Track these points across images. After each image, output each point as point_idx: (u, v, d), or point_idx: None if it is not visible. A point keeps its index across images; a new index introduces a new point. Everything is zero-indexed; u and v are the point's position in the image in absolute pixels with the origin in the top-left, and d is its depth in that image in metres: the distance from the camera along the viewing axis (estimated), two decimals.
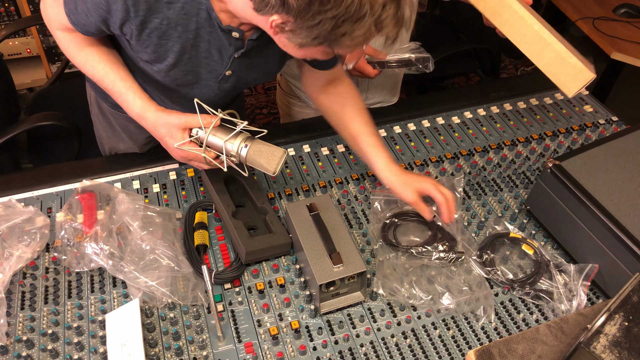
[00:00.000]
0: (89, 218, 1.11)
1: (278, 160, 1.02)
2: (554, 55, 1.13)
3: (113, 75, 1.07)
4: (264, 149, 1.03)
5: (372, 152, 1.14)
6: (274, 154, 1.02)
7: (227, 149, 1.03)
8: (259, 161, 1.02)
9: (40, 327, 0.99)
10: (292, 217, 1.08)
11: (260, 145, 1.03)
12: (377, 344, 0.98)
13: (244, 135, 1.04)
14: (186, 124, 1.03)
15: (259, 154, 1.02)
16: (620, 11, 2.30)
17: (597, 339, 0.80)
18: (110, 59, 1.08)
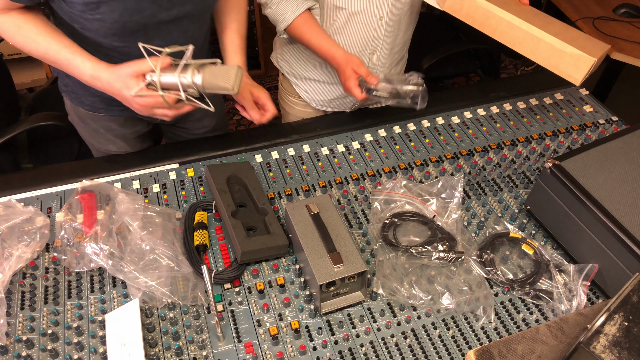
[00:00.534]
0: (89, 218, 1.11)
1: (234, 77, 1.02)
2: (549, 49, 1.16)
3: (56, 44, 1.04)
4: (217, 70, 1.03)
5: (231, 51, 1.27)
6: (228, 72, 1.02)
7: (183, 83, 1.02)
8: (216, 83, 1.02)
9: (40, 327, 0.99)
10: (291, 217, 1.08)
11: (213, 68, 1.03)
12: (377, 344, 0.98)
13: (195, 64, 1.03)
14: (138, 71, 1.01)
15: (213, 76, 1.02)
16: (620, 11, 2.30)
17: (597, 339, 0.80)
18: (50, 30, 1.06)
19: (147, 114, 1.08)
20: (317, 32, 1.33)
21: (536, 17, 1.23)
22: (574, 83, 1.16)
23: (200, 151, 1.38)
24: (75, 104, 1.32)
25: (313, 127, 1.46)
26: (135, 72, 1.01)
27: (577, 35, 1.19)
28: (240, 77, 1.03)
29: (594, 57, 1.11)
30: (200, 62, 1.04)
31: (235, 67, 1.03)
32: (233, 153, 1.37)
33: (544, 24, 1.20)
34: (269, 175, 1.31)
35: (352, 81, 1.28)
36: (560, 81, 1.61)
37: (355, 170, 1.32)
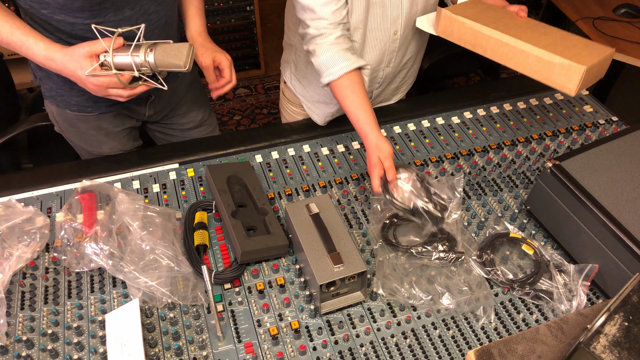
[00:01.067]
0: (89, 218, 1.11)
1: (187, 54, 1.04)
2: (538, 62, 1.15)
3: (9, 26, 1.04)
4: (169, 48, 1.04)
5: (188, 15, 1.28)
6: (180, 49, 1.04)
7: (136, 63, 1.04)
8: (168, 60, 1.04)
9: (40, 327, 0.99)
10: (291, 217, 1.08)
11: (165, 45, 1.05)
12: (377, 344, 0.98)
13: (147, 43, 1.05)
14: (91, 51, 1.02)
15: (166, 54, 1.04)
16: (620, 11, 2.30)
17: (597, 339, 0.80)
18: (2, 13, 1.05)
19: (102, 94, 1.08)
20: (360, 102, 1.18)
21: (531, 29, 1.22)
22: (568, 94, 1.14)
23: (200, 151, 1.38)
24: (62, 107, 1.30)
25: (313, 127, 1.46)
26: (88, 53, 1.02)
27: (573, 44, 1.18)
28: (192, 54, 1.06)
29: (584, 65, 1.09)
30: (153, 42, 1.06)
31: (187, 45, 1.05)
32: (233, 153, 1.37)
33: (538, 36, 1.19)
34: (269, 175, 1.31)
35: (377, 170, 1.13)
36: None
37: (355, 170, 1.32)
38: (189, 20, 1.31)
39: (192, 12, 1.31)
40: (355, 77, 1.19)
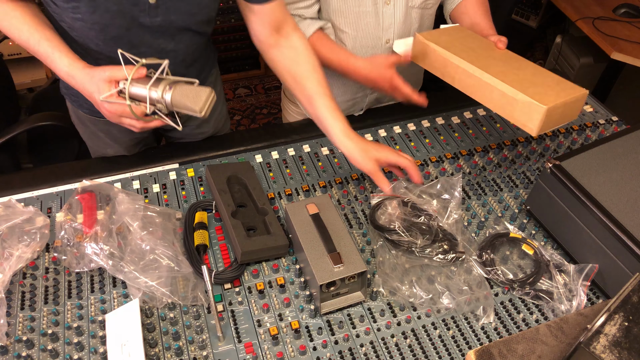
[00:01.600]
0: (89, 218, 1.11)
1: (205, 100, 0.98)
2: (502, 97, 1.11)
3: (38, 35, 1.03)
4: (188, 90, 0.99)
5: (328, 116, 1.10)
6: (199, 94, 0.98)
7: (152, 97, 1.00)
8: (184, 103, 0.99)
9: (40, 327, 0.99)
10: (291, 217, 1.08)
11: (185, 87, 0.99)
12: (377, 344, 0.98)
13: (168, 80, 1.01)
14: (111, 76, 1.00)
15: (184, 95, 0.98)
16: (620, 11, 2.30)
17: (597, 339, 0.80)
18: (35, 21, 1.04)
19: (115, 121, 1.06)
20: (332, 48, 1.24)
21: (504, 62, 1.18)
22: (530, 133, 1.08)
23: (200, 151, 1.38)
24: (76, 107, 1.32)
25: (313, 127, 1.46)
26: (108, 77, 1.00)
27: (544, 81, 1.13)
28: (212, 101, 0.99)
29: (546, 105, 1.03)
30: (175, 79, 1.01)
31: (208, 90, 0.99)
32: (233, 153, 1.37)
33: (509, 70, 1.14)
34: (269, 175, 1.31)
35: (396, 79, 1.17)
36: None
37: (355, 170, 1.32)
38: (329, 121, 1.12)
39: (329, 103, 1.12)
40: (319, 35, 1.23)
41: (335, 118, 1.09)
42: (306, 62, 1.14)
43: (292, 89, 1.18)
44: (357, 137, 1.08)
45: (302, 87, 1.13)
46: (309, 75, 1.12)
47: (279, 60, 1.17)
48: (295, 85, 1.15)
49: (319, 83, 1.12)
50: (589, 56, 2.68)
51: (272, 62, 1.19)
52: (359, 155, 1.07)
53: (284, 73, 1.17)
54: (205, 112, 0.98)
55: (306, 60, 1.14)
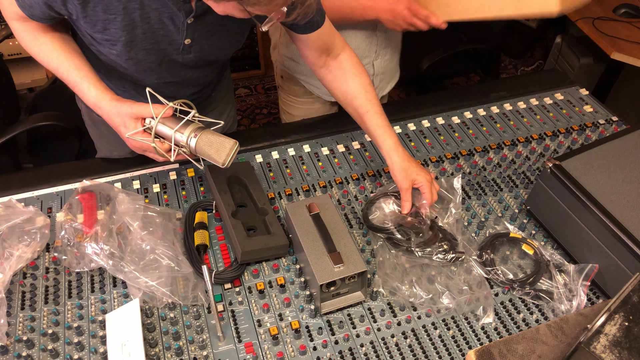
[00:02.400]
0: (89, 218, 1.11)
1: (228, 152, 1.00)
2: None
3: (68, 64, 1.05)
4: (213, 140, 1.00)
5: (379, 133, 1.15)
6: (223, 144, 1.00)
7: (177, 139, 1.01)
8: (208, 152, 1.01)
9: (40, 327, 0.99)
10: (292, 217, 1.08)
11: (210, 136, 1.01)
12: (377, 344, 0.98)
13: (195, 125, 1.02)
14: (138, 113, 1.02)
15: (208, 144, 1.00)
16: (620, 11, 2.30)
17: (597, 339, 0.80)
18: (65, 48, 1.06)
19: (138, 152, 1.09)
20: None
21: None
22: (550, 15, 1.08)
23: None
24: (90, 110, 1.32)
25: (313, 127, 1.46)
26: (135, 114, 1.02)
27: None
28: (235, 151, 1.01)
29: None
30: (200, 127, 1.02)
31: (233, 142, 1.00)
32: None
33: None
34: (269, 175, 1.31)
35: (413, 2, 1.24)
36: (560, 81, 1.62)
37: (355, 170, 1.32)
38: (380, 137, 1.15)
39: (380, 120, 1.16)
40: None
41: (384, 134, 1.15)
42: (354, 81, 1.18)
43: (343, 104, 1.22)
44: (403, 153, 1.14)
45: (352, 104, 1.18)
46: (358, 94, 1.17)
47: (329, 79, 1.21)
48: (346, 102, 1.20)
49: (368, 100, 1.17)
50: (589, 56, 2.68)
51: (323, 81, 1.23)
52: (399, 172, 1.12)
53: (334, 90, 1.22)
54: (228, 163, 1.01)
55: (354, 79, 1.18)
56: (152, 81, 1.15)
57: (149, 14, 0.97)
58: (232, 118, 1.57)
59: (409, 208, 1.12)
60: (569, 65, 2.80)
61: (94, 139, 1.44)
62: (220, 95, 1.46)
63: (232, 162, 1.01)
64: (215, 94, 1.42)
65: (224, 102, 1.49)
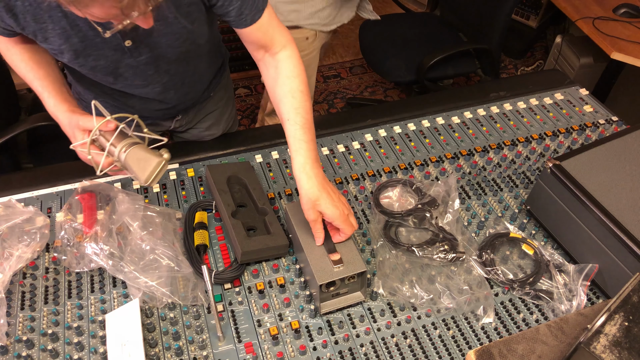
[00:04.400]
0: (89, 218, 1.11)
1: (152, 170, 0.96)
2: None
3: (32, 74, 1.08)
4: (141, 156, 0.97)
5: (295, 146, 1.04)
6: (149, 162, 0.97)
7: (110, 152, 1.00)
8: (131, 167, 0.98)
9: (40, 327, 0.99)
10: (291, 217, 1.08)
11: (140, 151, 0.98)
12: (377, 344, 0.98)
13: (131, 140, 0.99)
14: (84, 126, 1.02)
15: (135, 160, 0.97)
16: (620, 11, 2.30)
17: (597, 339, 0.80)
18: (33, 59, 1.09)
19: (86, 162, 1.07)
20: None
21: None
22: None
23: (200, 151, 1.38)
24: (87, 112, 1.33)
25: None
26: (82, 127, 1.02)
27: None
28: (160, 170, 0.97)
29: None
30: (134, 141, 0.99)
31: (158, 161, 0.97)
32: (233, 153, 1.37)
33: None
34: (269, 175, 1.31)
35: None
36: (560, 81, 1.62)
37: (355, 170, 1.32)
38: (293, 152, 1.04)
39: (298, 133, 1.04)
40: None
41: (299, 149, 1.02)
42: (285, 84, 1.09)
43: (274, 106, 1.15)
44: (316, 176, 1.01)
45: (278, 108, 1.10)
46: (285, 98, 1.08)
47: (265, 76, 1.17)
48: (274, 103, 1.13)
49: (294, 108, 1.06)
50: (589, 56, 2.68)
51: (262, 75, 1.19)
52: (305, 202, 1.00)
53: (268, 89, 1.16)
54: (151, 182, 0.98)
55: (286, 82, 1.09)
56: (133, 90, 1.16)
57: (76, 22, 0.96)
58: (232, 119, 1.57)
59: (321, 240, 1.02)
60: (569, 65, 2.80)
61: None
62: (219, 96, 1.46)
63: (230, 163, 1.00)
64: (214, 94, 1.42)
65: (223, 102, 1.49)
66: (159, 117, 1.34)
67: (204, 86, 1.35)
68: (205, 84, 1.35)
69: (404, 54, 2.25)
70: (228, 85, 1.50)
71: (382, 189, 1.23)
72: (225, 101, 1.49)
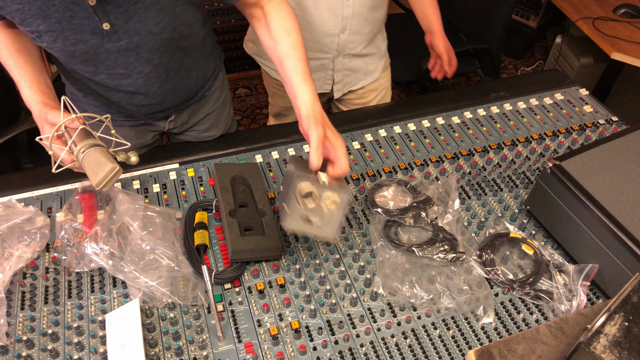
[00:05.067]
0: (89, 218, 1.11)
1: (104, 175, 0.97)
2: None
3: (12, 61, 1.07)
4: (97, 159, 0.97)
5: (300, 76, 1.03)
6: (102, 167, 0.97)
7: (71, 150, 1.00)
8: (86, 169, 0.98)
9: (40, 327, 0.99)
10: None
11: (97, 155, 0.98)
12: (377, 344, 0.98)
13: (92, 142, 0.99)
14: (52, 120, 1.01)
15: (90, 163, 0.97)
16: (620, 11, 2.30)
17: (597, 339, 0.80)
18: (15, 46, 1.08)
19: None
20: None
21: None
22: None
23: (200, 151, 1.38)
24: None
25: None
26: (49, 121, 1.02)
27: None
28: (112, 177, 0.97)
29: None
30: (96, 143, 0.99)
31: (111, 167, 0.97)
32: (233, 153, 1.37)
33: None
34: (269, 175, 1.31)
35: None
36: (560, 81, 1.62)
37: (355, 170, 1.32)
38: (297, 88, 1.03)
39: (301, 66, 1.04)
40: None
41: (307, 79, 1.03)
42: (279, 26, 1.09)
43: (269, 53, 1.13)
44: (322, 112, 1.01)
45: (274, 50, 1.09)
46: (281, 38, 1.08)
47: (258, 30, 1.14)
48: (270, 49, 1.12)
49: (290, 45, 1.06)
50: (589, 56, 2.68)
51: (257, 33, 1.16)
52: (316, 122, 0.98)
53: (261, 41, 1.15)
54: (103, 186, 0.98)
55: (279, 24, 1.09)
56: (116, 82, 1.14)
57: (52, 1, 0.95)
58: (230, 119, 1.57)
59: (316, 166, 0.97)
60: (569, 65, 2.80)
61: None
62: (215, 98, 1.45)
63: (238, 163, 0.99)
64: (209, 95, 1.41)
65: (220, 103, 1.48)
66: (149, 115, 1.32)
67: (195, 85, 1.33)
68: (195, 83, 1.33)
69: (404, 54, 2.25)
70: (224, 86, 1.49)
71: (376, 188, 1.23)
72: (221, 102, 1.48)
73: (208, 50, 1.32)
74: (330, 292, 1.06)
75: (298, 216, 0.97)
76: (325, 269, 1.10)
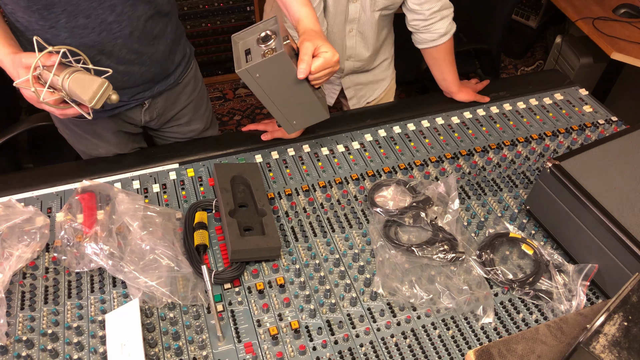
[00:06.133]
0: (89, 218, 1.11)
1: (95, 91, 0.97)
2: None
3: None
4: (84, 79, 0.98)
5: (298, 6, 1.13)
6: (92, 84, 0.97)
7: (54, 82, 0.99)
8: (76, 92, 0.98)
9: (40, 327, 0.99)
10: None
11: (82, 75, 0.98)
12: (377, 344, 0.98)
13: (74, 69, 1.00)
14: (26, 63, 0.99)
15: (78, 84, 0.97)
16: (620, 11, 2.30)
17: (596, 339, 0.80)
18: None
19: (38, 107, 1.05)
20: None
21: None
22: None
23: (200, 151, 1.38)
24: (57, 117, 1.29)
25: (313, 127, 1.46)
26: (24, 64, 0.99)
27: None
28: (105, 92, 0.98)
29: None
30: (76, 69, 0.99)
31: (101, 81, 0.98)
32: (233, 153, 1.37)
33: None
34: (269, 175, 1.31)
35: None
36: (560, 81, 1.62)
37: (355, 170, 1.32)
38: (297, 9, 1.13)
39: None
40: None
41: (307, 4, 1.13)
42: None
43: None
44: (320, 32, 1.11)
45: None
46: None
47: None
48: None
49: None
50: (589, 56, 2.68)
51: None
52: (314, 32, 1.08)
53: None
54: (95, 102, 0.98)
55: None
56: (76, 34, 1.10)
57: None
58: (209, 112, 1.54)
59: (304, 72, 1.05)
60: (569, 65, 2.80)
61: (72, 143, 1.42)
62: (190, 88, 1.41)
63: (238, 163, 0.99)
64: (181, 82, 1.37)
65: (196, 94, 1.45)
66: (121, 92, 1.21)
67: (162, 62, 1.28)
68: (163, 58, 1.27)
69: (404, 54, 2.24)
70: (197, 78, 1.45)
71: (376, 188, 1.24)
72: (198, 94, 1.46)
73: (173, 28, 1.27)
74: (330, 292, 1.06)
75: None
76: (324, 269, 1.10)
